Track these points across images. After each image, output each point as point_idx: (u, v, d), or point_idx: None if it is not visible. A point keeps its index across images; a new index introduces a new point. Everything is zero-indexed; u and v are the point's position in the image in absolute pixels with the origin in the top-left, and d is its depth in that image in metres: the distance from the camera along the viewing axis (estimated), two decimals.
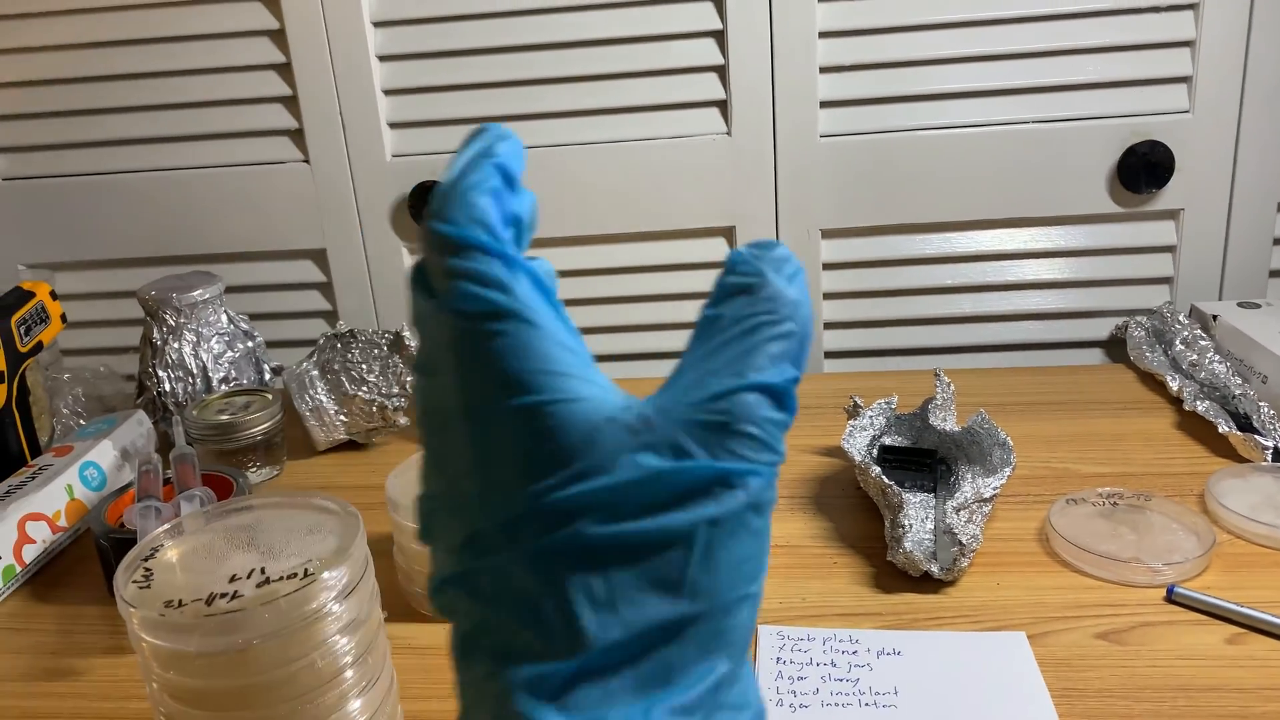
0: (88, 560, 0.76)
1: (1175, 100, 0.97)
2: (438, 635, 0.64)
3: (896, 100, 0.99)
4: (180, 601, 0.41)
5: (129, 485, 0.76)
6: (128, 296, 1.07)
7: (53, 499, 0.77)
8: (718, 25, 0.97)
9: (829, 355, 1.08)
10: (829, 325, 1.07)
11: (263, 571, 0.43)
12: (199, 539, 0.46)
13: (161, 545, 0.45)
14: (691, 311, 1.07)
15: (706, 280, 1.05)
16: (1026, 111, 0.98)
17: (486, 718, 0.25)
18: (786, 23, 0.96)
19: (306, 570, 0.43)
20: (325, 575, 0.42)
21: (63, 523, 0.77)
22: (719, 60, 0.99)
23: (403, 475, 0.68)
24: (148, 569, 0.43)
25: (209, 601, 0.41)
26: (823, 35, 0.97)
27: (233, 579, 0.42)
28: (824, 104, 0.99)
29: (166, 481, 0.75)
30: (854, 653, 0.60)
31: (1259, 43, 0.94)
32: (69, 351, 1.13)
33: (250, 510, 0.48)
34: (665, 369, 1.03)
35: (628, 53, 0.99)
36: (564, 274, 1.04)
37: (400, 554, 0.67)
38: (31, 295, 0.85)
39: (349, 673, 0.44)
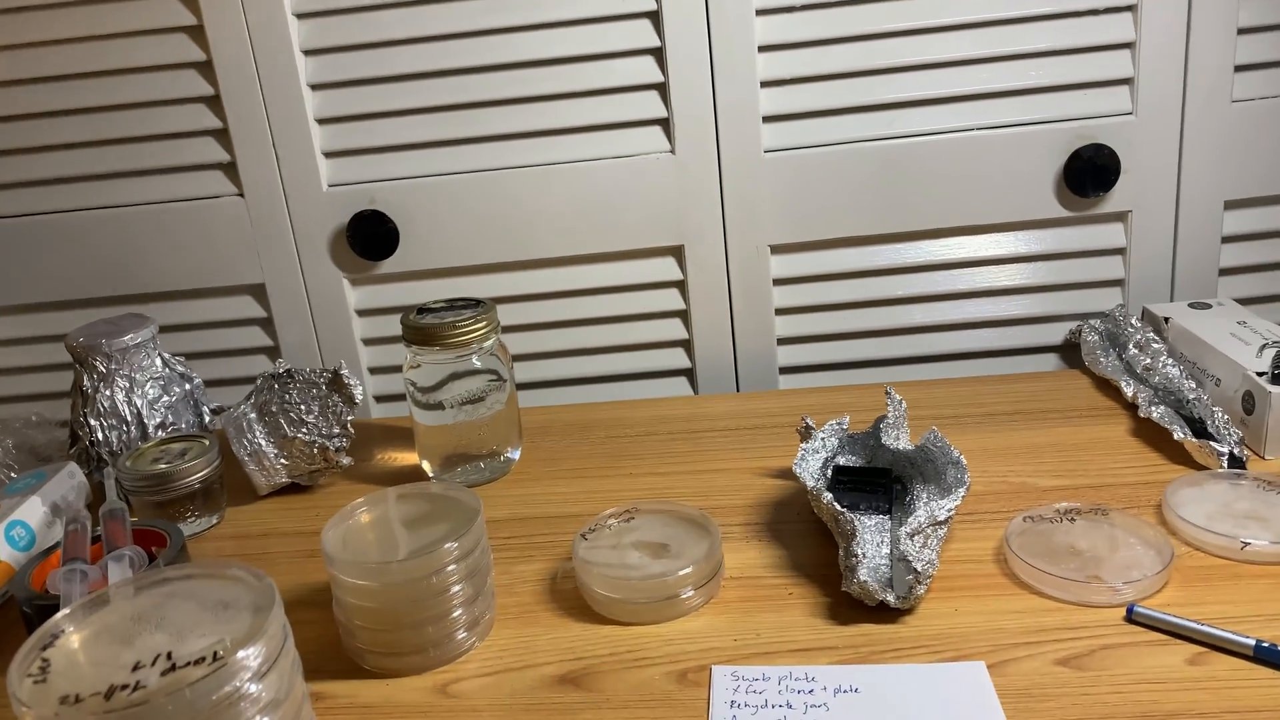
0: (15, 628, 0.72)
1: (1118, 102, 0.96)
2: (379, 691, 0.62)
3: (839, 113, 0.98)
4: (77, 696, 0.38)
5: (56, 546, 0.73)
6: (59, 340, 1.03)
7: None
8: (656, 43, 0.96)
9: (784, 371, 1.07)
10: (782, 341, 1.05)
11: (169, 657, 0.40)
12: (104, 621, 0.43)
13: (62, 631, 0.43)
14: (643, 332, 1.05)
15: (657, 300, 1.04)
16: (970, 119, 0.97)
17: None
18: (726, 38, 0.95)
19: (216, 653, 0.40)
20: (239, 655, 0.40)
21: None
22: (659, 78, 0.97)
23: (337, 526, 0.66)
24: (45, 660, 0.41)
25: (108, 695, 0.38)
26: (762, 49, 0.96)
27: (137, 667, 0.40)
28: (767, 119, 0.98)
29: (96, 539, 0.72)
30: (810, 691, 0.58)
31: (1199, 42, 0.93)
32: None
33: (162, 584, 0.45)
34: (620, 391, 1.01)
35: (567, 73, 0.97)
36: (512, 299, 1.02)
37: (339, 607, 0.64)
38: None
39: None
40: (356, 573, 0.62)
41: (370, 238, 1.02)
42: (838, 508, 0.68)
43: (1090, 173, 0.96)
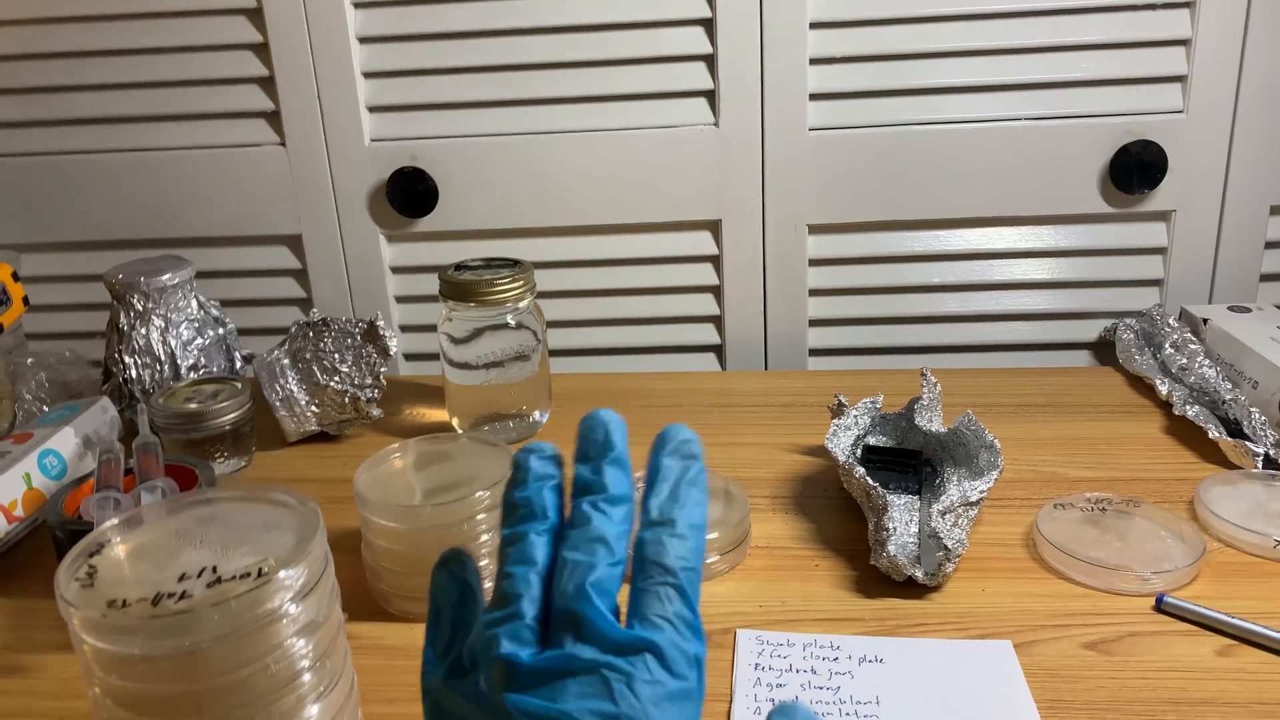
0: (44, 552, 0.73)
1: (1170, 100, 0.95)
2: (404, 635, 0.62)
3: (887, 94, 0.97)
4: (125, 601, 0.39)
5: (88, 475, 0.74)
6: (96, 280, 1.04)
7: (9, 487, 0.74)
8: (707, 13, 0.95)
9: (814, 353, 1.06)
10: (814, 322, 1.05)
11: (214, 570, 0.40)
12: (149, 535, 0.44)
13: (109, 540, 0.43)
14: (675, 305, 1.05)
15: (691, 274, 1.04)
16: (1019, 108, 0.96)
17: None
18: (777, 13, 0.94)
19: (261, 570, 0.40)
20: (281, 575, 0.40)
21: (19, 512, 0.75)
22: (707, 49, 0.96)
23: (371, 469, 0.66)
24: (92, 566, 0.41)
25: (155, 601, 0.39)
26: (814, 26, 0.95)
27: (182, 578, 0.40)
28: (813, 96, 0.97)
29: (129, 472, 0.72)
30: (835, 659, 0.58)
31: (1255, 43, 0.92)
32: (34, 335, 1.10)
33: (207, 504, 0.46)
34: (648, 364, 1.01)
35: (615, 39, 0.97)
36: (545, 265, 1.02)
37: (368, 550, 0.65)
38: None
39: (306, 677, 0.42)
40: (387, 515, 0.62)
41: (409, 194, 1.02)
42: (870, 482, 0.68)
43: (1137, 169, 0.95)
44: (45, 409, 0.94)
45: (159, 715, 0.39)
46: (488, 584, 0.38)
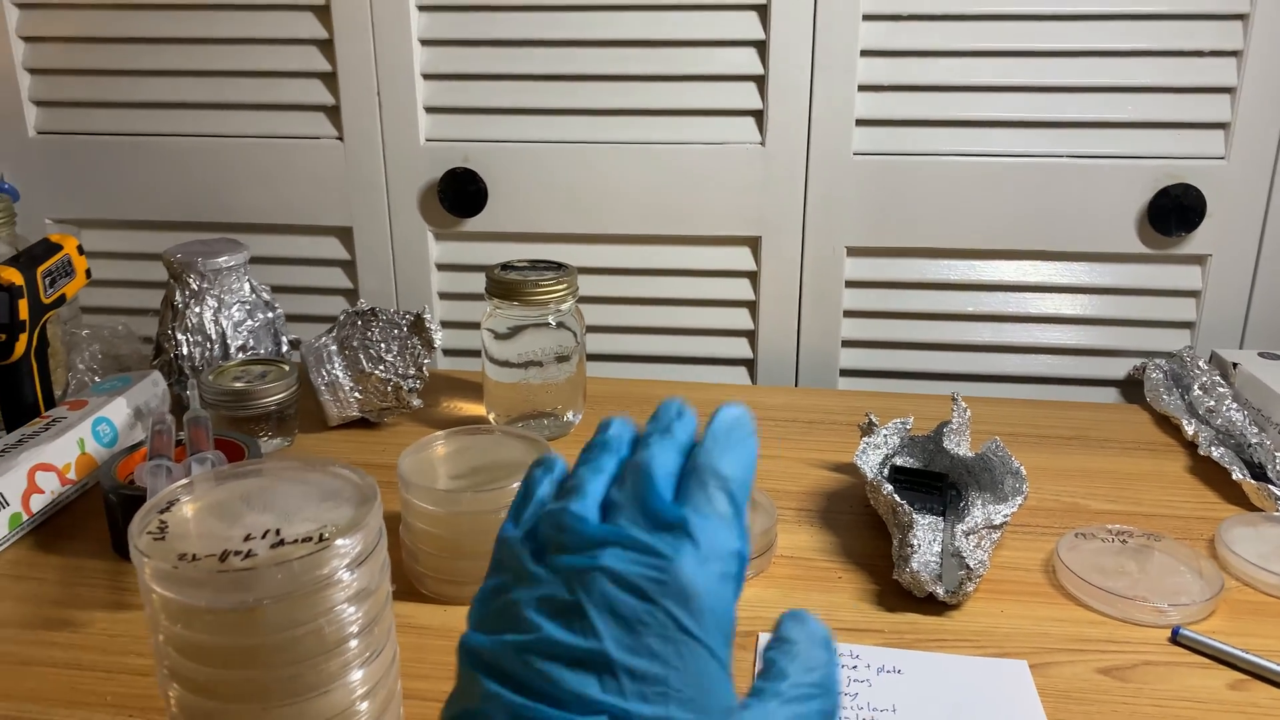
0: (94, 515, 0.76)
1: (1211, 146, 0.97)
2: (438, 615, 0.64)
3: (932, 124, 0.99)
4: (194, 555, 0.41)
5: (140, 444, 0.77)
6: (152, 259, 1.07)
7: (64, 451, 0.77)
8: (761, 36, 0.98)
9: (844, 374, 1.08)
10: (846, 344, 1.07)
11: (278, 533, 0.43)
12: (215, 496, 0.46)
13: (178, 499, 0.45)
14: (710, 318, 1.07)
15: (728, 288, 1.06)
16: (1061, 145, 0.98)
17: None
18: (830, 38, 0.96)
19: (322, 535, 0.43)
20: (339, 542, 0.42)
21: (72, 475, 0.78)
22: (759, 70, 0.99)
23: (415, 454, 0.69)
24: (163, 521, 0.44)
25: (223, 558, 0.41)
26: (864, 54, 0.97)
27: (247, 538, 0.42)
28: (860, 122, 0.99)
29: (179, 443, 0.75)
30: (854, 667, 0.60)
31: None
32: (89, 309, 1.13)
33: (266, 474, 0.48)
34: (679, 373, 1.03)
35: (669, 55, 1.00)
36: (586, 271, 1.05)
37: (407, 532, 0.67)
38: (59, 248, 0.86)
39: (354, 642, 0.44)
40: (428, 498, 0.64)
41: (460, 195, 1.05)
42: (897, 499, 0.69)
43: (1176, 211, 0.97)
44: (96, 379, 0.97)
45: (216, 665, 0.42)
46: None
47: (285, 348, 0.99)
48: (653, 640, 0.29)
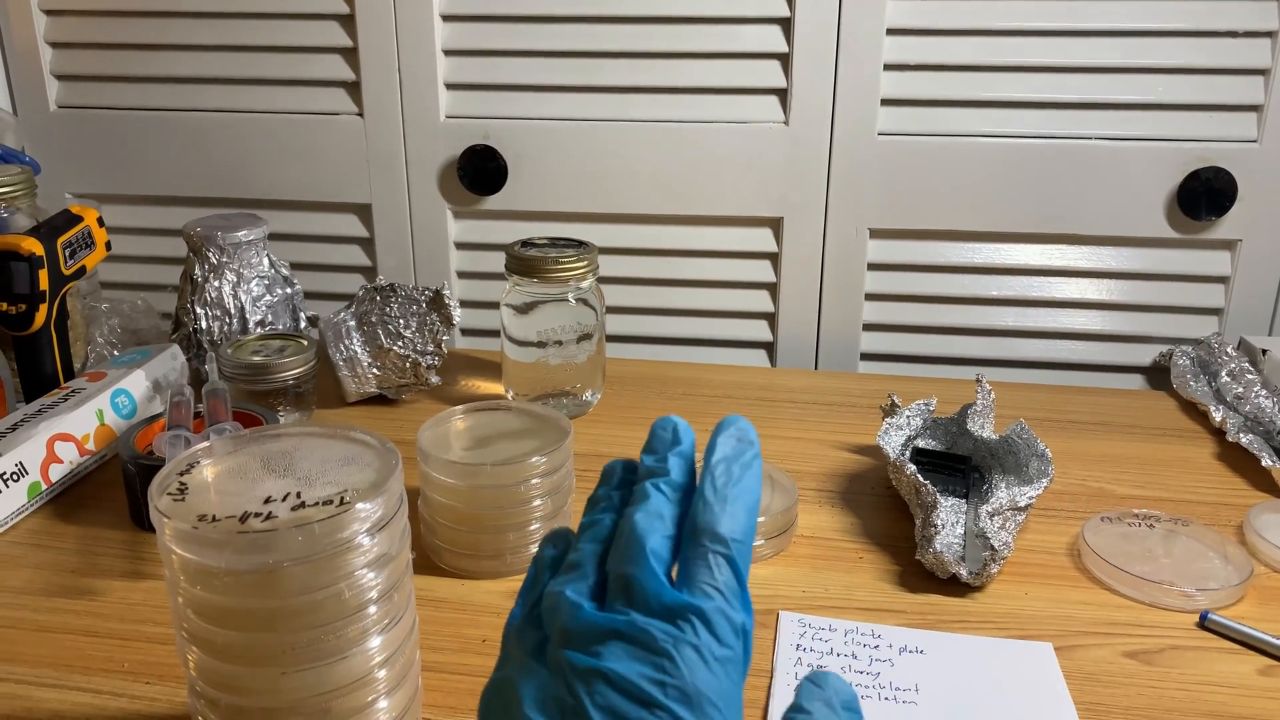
0: (113, 486, 0.76)
1: (1244, 128, 0.95)
2: (455, 589, 0.64)
3: (958, 104, 0.98)
4: (214, 517, 0.41)
5: (158, 415, 0.76)
6: (171, 234, 1.07)
7: (83, 422, 0.77)
8: (786, 13, 0.96)
9: (865, 358, 1.07)
10: (868, 327, 1.06)
11: (298, 496, 0.42)
12: (236, 460, 0.46)
13: (198, 462, 0.45)
14: (730, 300, 1.06)
15: (748, 270, 1.05)
16: (1090, 127, 0.97)
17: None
18: (856, 16, 0.95)
19: (342, 498, 0.42)
20: (360, 506, 0.42)
21: (91, 446, 0.77)
22: (783, 48, 0.98)
23: (434, 428, 0.68)
24: (183, 483, 0.43)
25: (242, 519, 0.41)
26: (890, 32, 0.96)
27: (268, 500, 0.42)
28: (885, 101, 0.98)
29: (197, 415, 0.75)
30: (876, 647, 0.59)
31: None
32: (108, 284, 1.13)
33: (287, 438, 0.48)
34: (698, 355, 1.03)
35: (692, 33, 0.99)
36: (605, 251, 1.04)
37: (425, 506, 0.67)
38: (79, 220, 0.85)
39: (373, 608, 0.43)
40: (447, 471, 0.64)
41: (479, 172, 1.04)
42: (920, 479, 0.69)
43: (1206, 195, 0.95)
44: (115, 353, 0.97)
45: (235, 628, 0.41)
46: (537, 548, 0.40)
47: (303, 324, 0.99)
48: None
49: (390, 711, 0.46)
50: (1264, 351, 0.92)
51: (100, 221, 0.88)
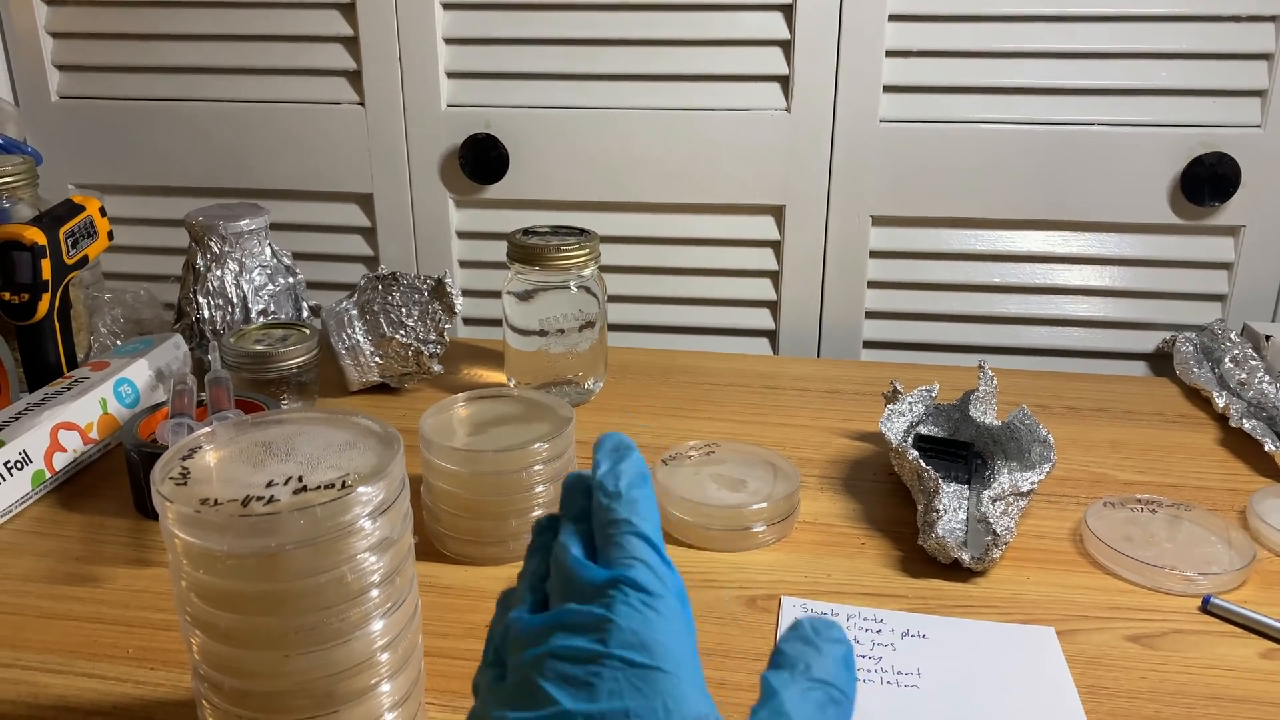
0: (116, 475, 0.76)
1: (1248, 114, 0.95)
2: (458, 575, 0.64)
3: (961, 91, 0.97)
4: (216, 500, 0.41)
5: (161, 404, 0.77)
6: (173, 225, 1.07)
7: (86, 410, 0.77)
8: (788, 0, 0.96)
9: (868, 345, 1.07)
10: (870, 315, 1.06)
11: (300, 480, 0.42)
12: (238, 445, 0.46)
13: (200, 447, 0.45)
14: (732, 288, 1.06)
15: (751, 258, 1.05)
16: (1093, 113, 0.96)
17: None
18: (857, 2, 0.95)
19: (344, 482, 0.42)
20: (361, 489, 0.42)
21: (94, 435, 0.78)
22: (785, 35, 0.97)
23: (436, 415, 0.68)
24: (185, 468, 0.43)
25: (244, 503, 0.41)
26: (893, 18, 0.96)
27: (269, 484, 0.42)
28: (887, 88, 0.98)
29: (200, 404, 0.75)
30: (878, 631, 0.59)
31: None
32: (111, 275, 1.13)
33: (289, 423, 0.48)
34: (701, 344, 1.03)
35: (693, 20, 0.98)
36: (607, 239, 1.04)
37: (428, 493, 0.67)
38: (81, 209, 0.86)
39: (375, 591, 0.43)
40: (450, 458, 0.64)
41: (481, 161, 1.04)
42: (922, 464, 0.69)
43: (1209, 181, 0.95)
44: (118, 343, 0.98)
45: (238, 611, 0.42)
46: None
47: (306, 314, 0.99)
48: (608, 684, 0.30)
49: (393, 695, 0.46)
50: (1267, 337, 0.92)
51: (102, 211, 0.88)
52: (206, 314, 0.92)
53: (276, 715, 0.43)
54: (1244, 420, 0.82)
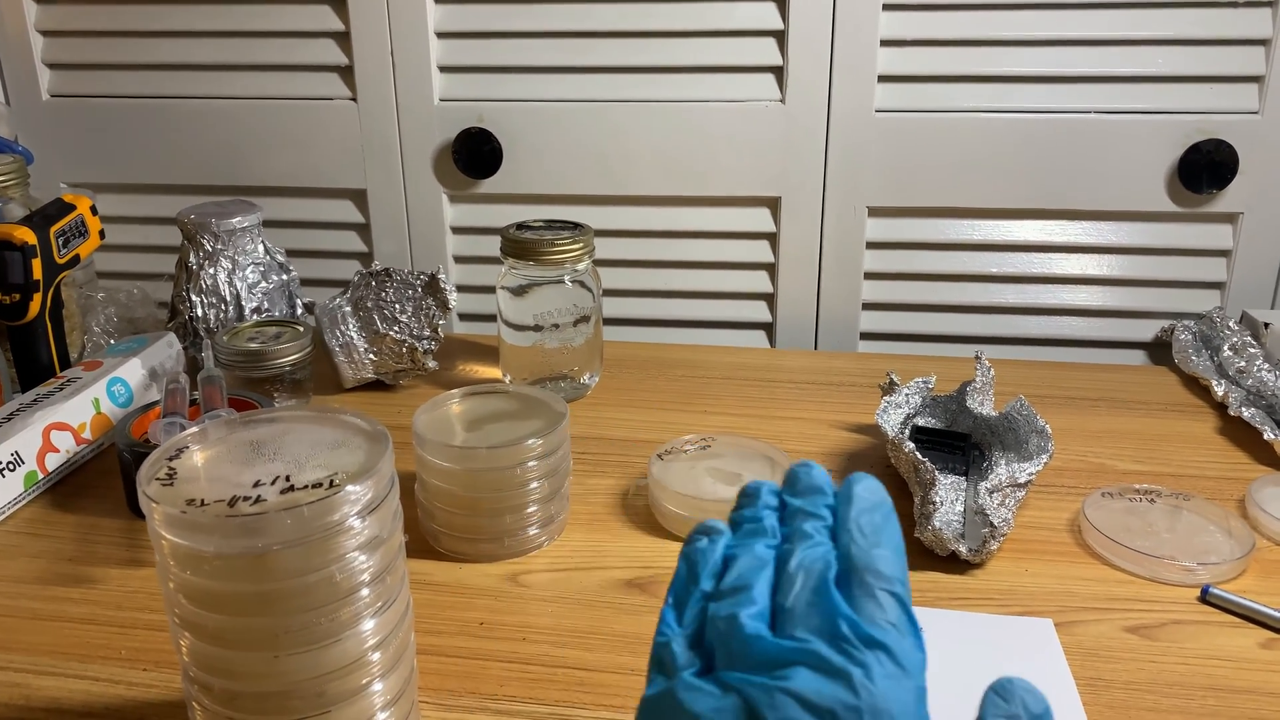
0: (109, 475, 0.76)
1: (1245, 100, 0.94)
2: (452, 572, 0.64)
3: (956, 80, 0.97)
4: (203, 501, 0.40)
5: (154, 403, 0.76)
6: (167, 223, 1.07)
7: (79, 411, 0.77)
8: None
9: (865, 337, 1.06)
10: (867, 306, 1.05)
11: (288, 479, 0.42)
12: (226, 444, 0.45)
13: (187, 447, 0.45)
14: (729, 281, 1.06)
15: (747, 250, 1.04)
16: (1089, 101, 0.96)
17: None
18: None
19: (332, 481, 0.42)
20: (350, 488, 0.41)
21: (87, 435, 0.77)
22: (779, 25, 0.97)
23: (430, 411, 0.68)
24: (172, 468, 0.43)
25: (231, 503, 0.40)
26: (887, 8, 0.95)
27: (257, 484, 0.42)
28: (882, 78, 0.97)
29: (193, 403, 0.75)
30: None
31: None
32: (105, 274, 1.13)
33: (278, 422, 0.47)
34: (697, 337, 1.02)
35: (687, 11, 0.98)
36: (602, 233, 1.03)
37: (422, 490, 0.66)
38: (72, 208, 0.85)
39: (365, 590, 0.43)
40: (444, 455, 0.63)
41: (474, 155, 1.03)
42: (919, 456, 0.68)
43: (1207, 168, 0.94)
44: (112, 342, 0.97)
45: (227, 612, 0.41)
46: (535, 530, 0.39)
47: (300, 311, 0.99)
48: None
49: (385, 694, 0.46)
50: (1266, 325, 0.91)
51: (93, 210, 0.88)
52: (200, 312, 0.92)
53: (267, 716, 0.43)
54: (1243, 408, 0.82)
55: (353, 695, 0.44)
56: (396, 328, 0.87)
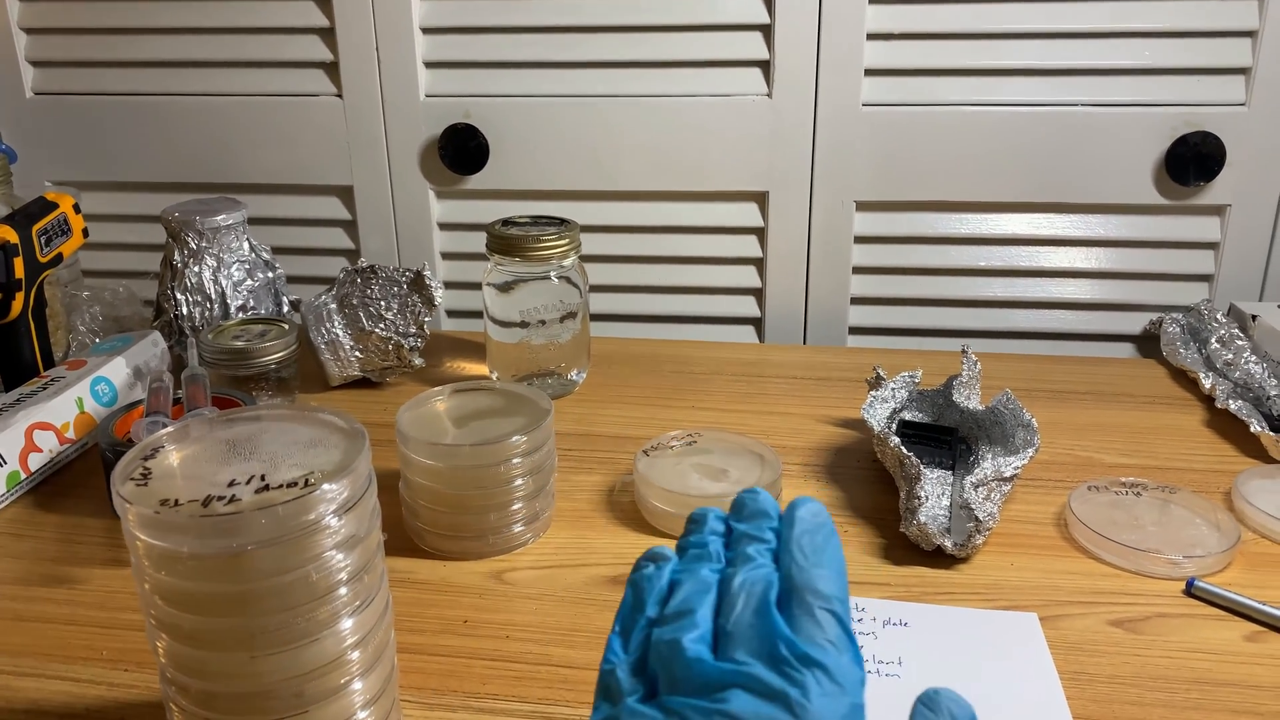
0: (93, 475, 0.75)
1: (1232, 92, 0.94)
2: (436, 570, 0.64)
3: (943, 73, 0.97)
4: (177, 501, 0.40)
5: (138, 403, 0.76)
6: (152, 220, 1.06)
7: (62, 410, 0.77)
8: None
9: (854, 331, 1.06)
10: (856, 300, 1.05)
11: (263, 479, 0.42)
12: (201, 445, 0.45)
13: (163, 447, 0.44)
14: (717, 276, 1.05)
15: (735, 245, 1.04)
16: (1076, 94, 0.95)
17: None
18: None
19: (307, 480, 0.42)
20: (325, 487, 0.41)
21: (70, 434, 0.77)
22: (765, 19, 0.96)
23: (414, 409, 0.67)
24: (146, 468, 0.42)
25: (205, 503, 0.40)
26: (873, 1, 0.95)
27: (232, 484, 0.41)
28: (869, 72, 0.97)
29: (177, 402, 0.74)
30: (859, 620, 0.59)
31: None
32: (90, 272, 1.12)
33: (256, 420, 0.47)
34: (686, 333, 1.02)
35: (673, 5, 0.97)
36: (590, 229, 1.03)
37: (406, 488, 0.66)
38: (55, 206, 0.84)
39: (343, 590, 0.43)
40: (427, 452, 0.63)
41: (461, 151, 1.03)
42: (904, 451, 0.68)
43: (1194, 160, 0.94)
44: (97, 341, 0.97)
45: (203, 613, 0.41)
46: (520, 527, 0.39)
47: (286, 309, 0.98)
48: None
49: (365, 693, 0.45)
50: (1254, 317, 0.91)
51: (76, 208, 0.87)
52: (185, 310, 0.92)
53: (245, 717, 0.43)
54: (1230, 401, 0.82)
55: (331, 695, 0.44)
56: (382, 325, 0.87)
